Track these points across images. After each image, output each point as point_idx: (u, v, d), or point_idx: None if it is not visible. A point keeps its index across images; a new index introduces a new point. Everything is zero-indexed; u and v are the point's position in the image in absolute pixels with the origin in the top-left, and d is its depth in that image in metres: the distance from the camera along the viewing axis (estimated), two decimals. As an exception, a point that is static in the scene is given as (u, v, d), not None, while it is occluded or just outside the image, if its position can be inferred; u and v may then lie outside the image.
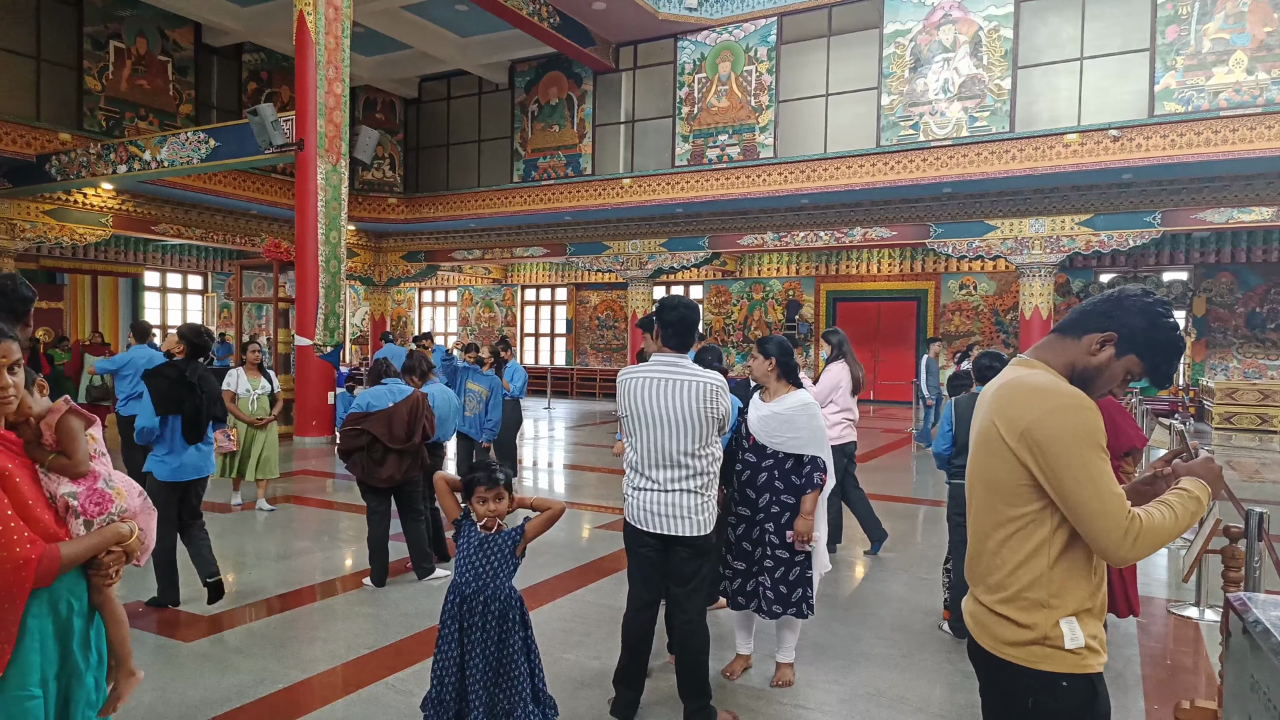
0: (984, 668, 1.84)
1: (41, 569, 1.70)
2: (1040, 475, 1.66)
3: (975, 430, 1.84)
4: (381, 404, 5.13)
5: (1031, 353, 1.83)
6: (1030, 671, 1.71)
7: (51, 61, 13.03)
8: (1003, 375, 1.83)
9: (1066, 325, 1.81)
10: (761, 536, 3.60)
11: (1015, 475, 1.70)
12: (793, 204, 14.31)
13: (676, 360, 3.21)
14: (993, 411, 1.76)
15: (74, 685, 1.85)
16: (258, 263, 14.58)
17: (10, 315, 2.17)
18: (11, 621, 1.68)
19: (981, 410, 1.83)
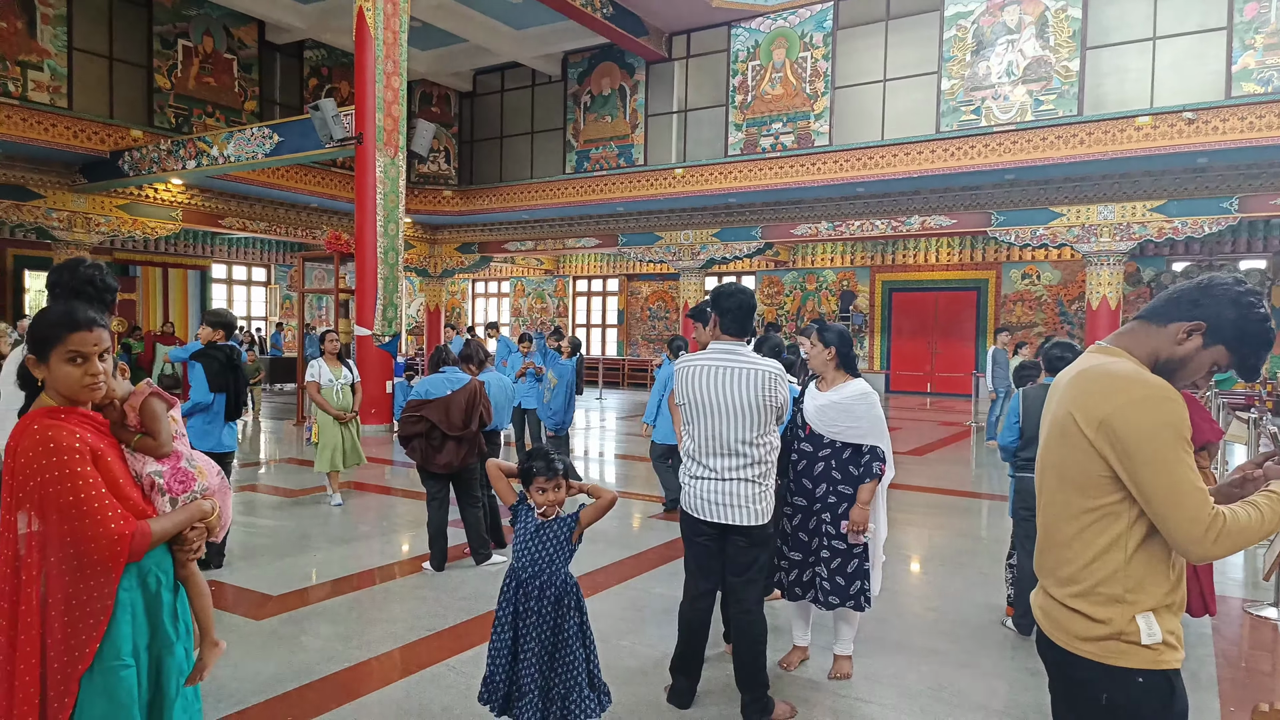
0: (1055, 663, 1.79)
1: (134, 544, 1.78)
2: (1119, 467, 1.60)
3: (1049, 420, 1.78)
4: (440, 391, 5.21)
5: (1112, 339, 1.77)
6: (1105, 667, 1.66)
7: (123, 61, 13.52)
8: (1079, 363, 1.77)
9: (1151, 312, 1.73)
10: (818, 527, 3.56)
11: (1092, 466, 1.64)
12: (848, 192, 14.07)
13: (734, 348, 3.19)
14: (1069, 400, 1.70)
15: (164, 655, 1.93)
16: (319, 255, 14.96)
17: (98, 304, 2.26)
18: (107, 595, 1.76)
19: (1055, 399, 1.77)
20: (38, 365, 1.83)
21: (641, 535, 6.25)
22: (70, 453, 1.74)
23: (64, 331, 1.81)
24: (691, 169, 14.52)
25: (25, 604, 1.73)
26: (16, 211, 12.83)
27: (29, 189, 12.92)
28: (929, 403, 17.10)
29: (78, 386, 1.82)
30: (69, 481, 1.73)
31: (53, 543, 1.73)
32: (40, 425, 1.76)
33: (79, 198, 13.50)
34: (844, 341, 3.60)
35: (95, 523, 1.74)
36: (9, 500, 1.76)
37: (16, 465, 1.74)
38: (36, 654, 1.73)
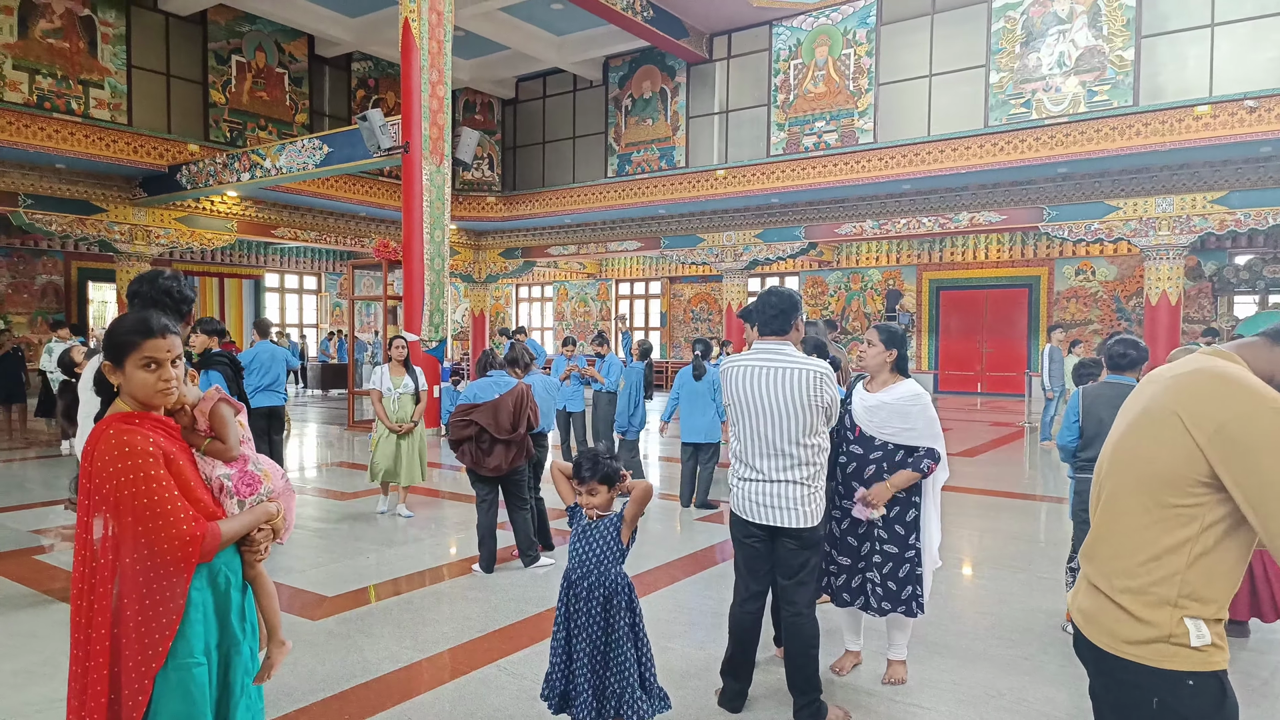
0: (1099, 666, 1.75)
1: (205, 545, 1.84)
2: (1227, 475, 1.55)
3: (1134, 414, 1.73)
4: (487, 396, 5.26)
5: (1234, 348, 1.72)
6: (1154, 670, 1.62)
7: (180, 77, 13.97)
8: (1189, 363, 1.72)
9: (1277, 333, 1.70)
10: (869, 531, 3.49)
11: (1188, 468, 1.59)
12: (894, 190, 13.88)
13: (778, 348, 3.16)
14: (1172, 399, 1.64)
15: (232, 654, 1.99)
16: (368, 262, 15.25)
17: (174, 314, 2.34)
18: (180, 594, 1.82)
19: (1149, 394, 1.71)
20: (114, 371, 1.89)
21: (688, 538, 6.23)
22: (145, 456, 1.79)
23: (139, 338, 1.87)
24: (733, 170, 14.46)
25: (99, 603, 1.79)
26: (80, 225, 13.33)
27: (92, 203, 13.41)
28: (979, 403, 16.75)
29: (152, 392, 1.88)
30: (143, 484, 1.78)
31: (127, 543, 1.79)
32: (116, 430, 1.82)
33: (139, 211, 13.98)
34: (903, 343, 3.54)
35: (169, 524, 1.79)
36: (86, 502, 1.82)
37: (93, 469, 1.80)
38: (107, 653, 1.78)
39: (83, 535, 1.84)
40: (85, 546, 1.83)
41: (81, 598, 1.82)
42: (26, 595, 4.71)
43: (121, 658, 1.79)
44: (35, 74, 12.12)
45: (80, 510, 1.85)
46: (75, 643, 1.84)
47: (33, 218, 12.75)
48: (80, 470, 1.86)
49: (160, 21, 13.65)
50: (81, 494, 1.84)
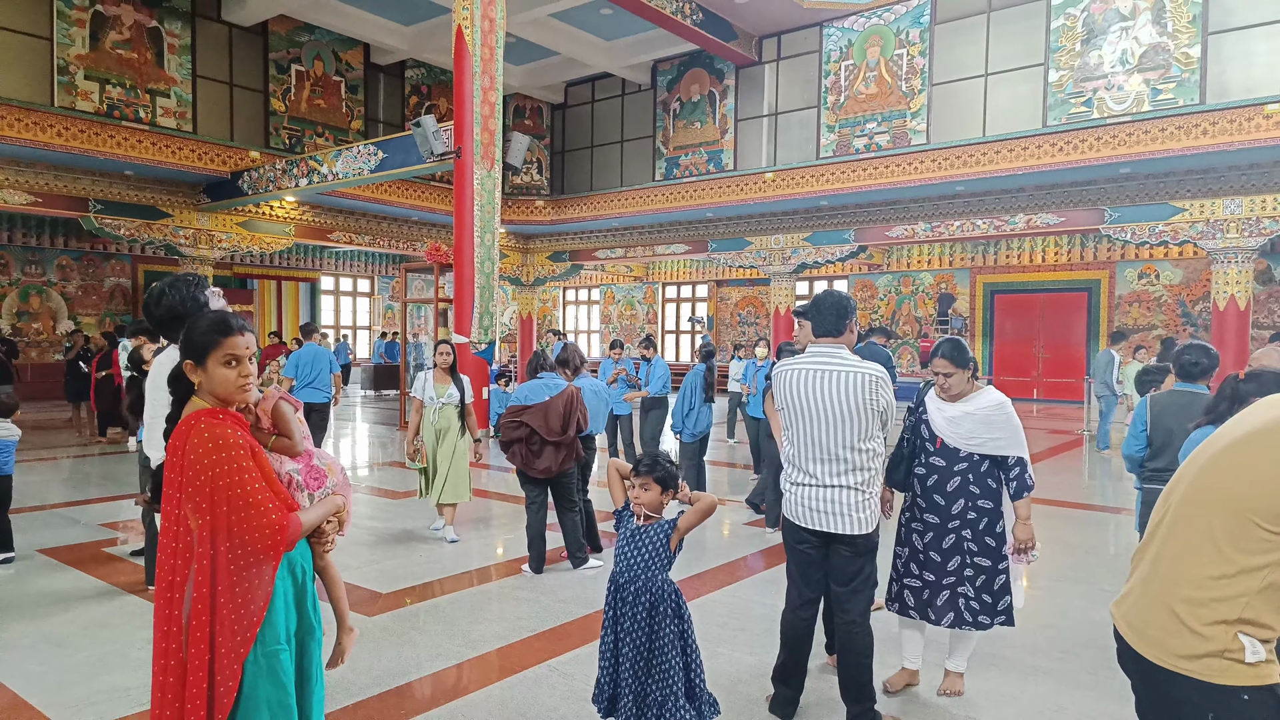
0: (1147, 680, 1.72)
1: (289, 535, 1.91)
2: None
3: (1242, 431, 1.65)
4: (538, 398, 5.30)
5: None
6: (1208, 686, 1.58)
7: (242, 86, 14.40)
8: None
9: None
10: (958, 544, 3.38)
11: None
12: (947, 192, 13.61)
13: (833, 351, 3.12)
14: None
15: (308, 640, 2.08)
16: (420, 266, 15.52)
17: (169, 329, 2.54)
18: (269, 581, 1.90)
19: (1271, 417, 1.62)
20: (195, 369, 1.96)
21: (737, 543, 6.19)
22: (236, 449, 1.87)
23: (220, 336, 1.95)
24: (782, 172, 14.34)
25: (197, 592, 1.86)
26: (147, 230, 13.81)
27: (159, 209, 13.89)
28: (1035, 409, 16.32)
29: (233, 388, 1.96)
30: (236, 475, 1.85)
31: (221, 534, 1.86)
32: (205, 424, 1.89)
33: (203, 216, 14.43)
34: (967, 353, 3.42)
35: (259, 514, 1.87)
36: (176, 495, 1.88)
37: (185, 462, 1.86)
38: (207, 639, 1.85)
39: (172, 527, 1.90)
40: (176, 538, 1.89)
41: (174, 589, 1.89)
42: (97, 587, 4.89)
43: (215, 644, 1.86)
44: (105, 84, 12.60)
45: (167, 502, 1.91)
46: (164, 633, 1.90)
47: (102, 222, 13.26)
48: (167, 463, 1.92)
49: (224, 32, 14.09)
50: (169, 486, 1.90)
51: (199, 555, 1.87)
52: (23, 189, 12.32)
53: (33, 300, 16.82)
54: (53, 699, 3.36)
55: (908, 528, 3.51)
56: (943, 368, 3.38)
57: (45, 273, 17.01)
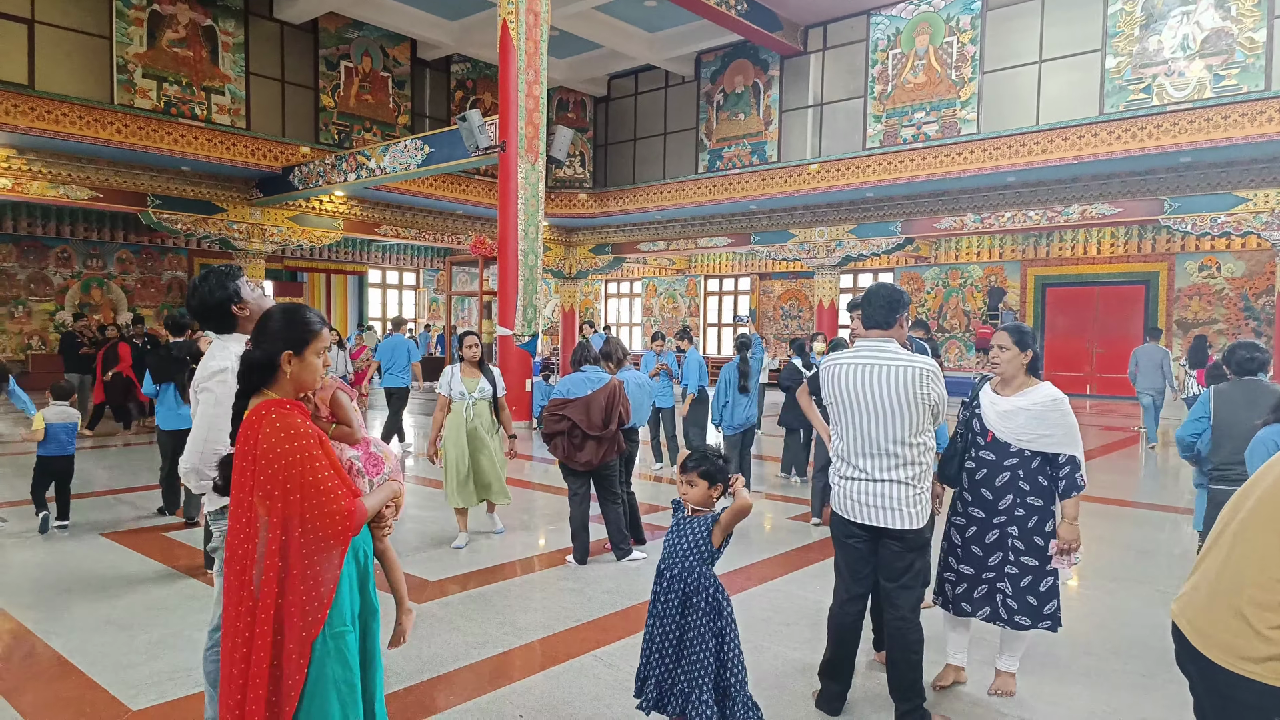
0: (1208, 681, 1.69)
1: (356, 520, 1.98)
2: None
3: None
4: (581, 391, 5.32)
5: None
6: (1272, 689, 1.57)
7: (293, 83, 14.69)
8: None
9: None
10: (1002, 540, 3.31)
11: None
12: (997, 182, 13.32)
13: (882, 345, 3.08)
14: None
15: (370, 621, 2.16)
16: (465, 259, 15.70)
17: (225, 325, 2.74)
18: (337, 565, 1.98)
19: None
20: (292, 359, 2.05)
21: (781, 537, 6.15)
22: (307, 438, 1.93)
23: (319, 328, 2.08)
24: (827, 164, 14.17)
25: (265, 576, 1.92)
26: (203, 224, 14.20)
27: (214, 203, 14.27)
28: (1089, 406, 15.91)
29: (316, 377, 2.07)
30: (308, 464, 1.92)
31: (294, 520, 1.92)
32: (277, 414, 1.95)
33: (255, 210, 14.78)
34: (1036, 344, 3.36)
35: (329, 500, 1.93)
36: (248, 483, 1.94)
37: (259, 451, 1.92)
38: (272, 622, 1.91)
39: (242, 513, 1.95)
40: (249, 524, 1.94)
41: (246, 571, 1.94)
42: (157, 570, 5.06)
43: (285, 627, 1.92)
44: (163, 82, 12.96)
45: (236, 489, 1.95)
46: (234, 614, 1.95)
47: (160, 217, 13.66)
48: (237, 451, 1.97)
49: (275, 30, 14.38)
50: (239, 474, 1.95)
51: (269, 541, 1.92)
52: (84, 184, 12.75)
53: (94, 292, 17.42)
54: (117, 678, 3.49)
55: (950, 521, 3.47)
56: (1001, 340, 3.32)
57: (106, 266, 17.60)
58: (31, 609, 4.29)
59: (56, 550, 5.43)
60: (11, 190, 12.14)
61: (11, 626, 4.06)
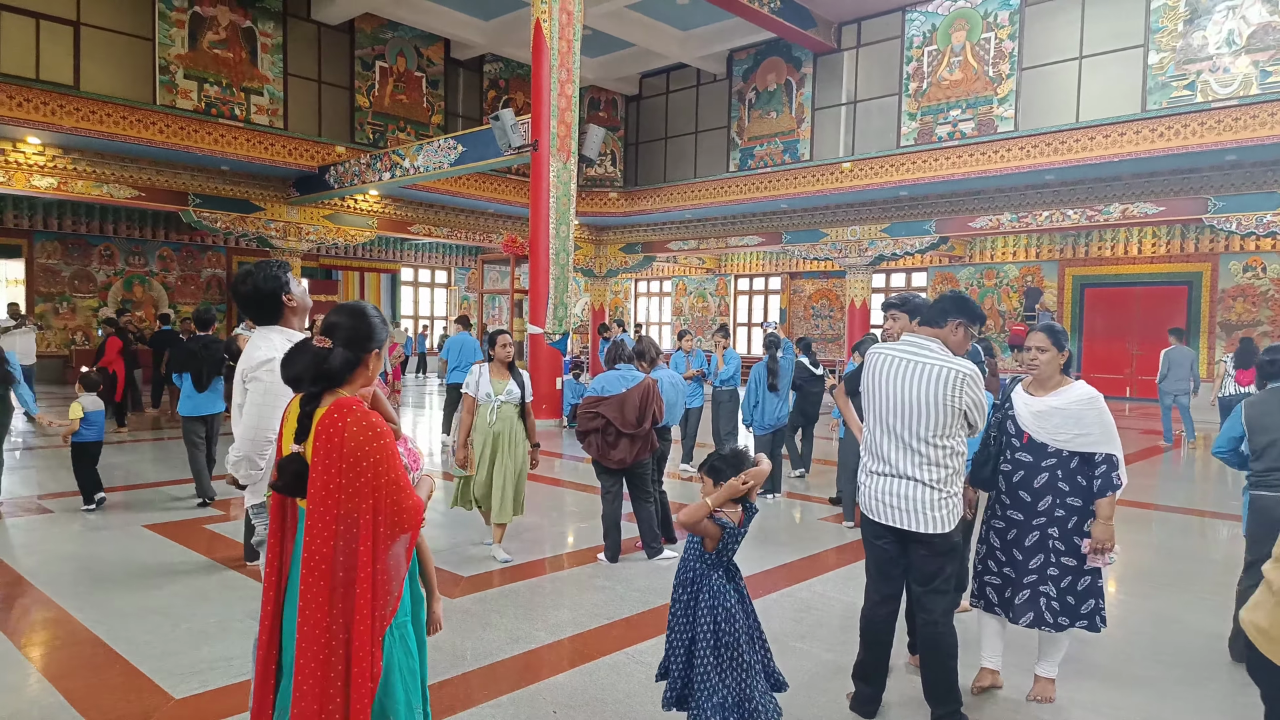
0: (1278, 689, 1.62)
1: (422, 513, 2.06)
2: None
3: None
4: (615, 389, 5.32)
5: None
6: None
7: (330, 83, 14.90)
8: None
9: None
10: (1043, 542, 3.26)
11: None
12: (1035, 181, 13.10)
13: (925, 342, 3.06)
14: None
15: (416, 610, 2.22)
16: (496, 257, 15.80)
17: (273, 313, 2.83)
18: (408, 557, 2.09)
19: None
20: (377, 358, 2.17)
21: (814, 537, 6.11)
22: (387, 436, 1.99)
23: (387, 332, 2.17)
24: (860, 162, 14.05)
25: (362, 572, 1.97)
26: (241, 223, 14.46)
27: (252, 202, 14.52)
28: (1128, 409, 15.60)
29: (376, 377, 2.16)
30: (392, 460, 1.98)
31: (384, 516, 1.97)
32: (359, 412, 1.99)
33: (292, 209, 15.02)
34: (1065, 337, 3.34)
35: (407, 495, 1.99)
36: (332, 481, 1.96)
37: (346, 448, 1.94)
38: (369, 615, 1.96)
39: (324, 511, 1.96)
40: (332, 522, 1.96)
41: (339, 568, 1.97)
42: (197, 561, 5.16)
43: (373, 619, 1.98)
44: (203, 83, 13.21)
45: (314, 485, 1.97)
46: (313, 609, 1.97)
47: (200, 215, 13.93)
48: (316, 447, 1.98)
49: (313, 31, 14.59)
50: (317, 470, 1.96)
51: (360, 538, 1.95)
52: (127, 183, 13.05)
53: (136, 289, 17.81)
54: (160, 666, 3.56)
55: (988, 525, 3.42)
56: (1038, 342, 3.27)
57: (147, 263, 17.99)
58: (76, 598, 4.40)
59: (100, 541, 5.56)
60: (57, 189, 12.47)
61: (57, 615, 4.17)
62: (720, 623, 2.61)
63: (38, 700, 3.23)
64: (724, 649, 2.60)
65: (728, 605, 2.62)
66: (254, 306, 2.74)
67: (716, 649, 2.60)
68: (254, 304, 2.73)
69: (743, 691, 2.58)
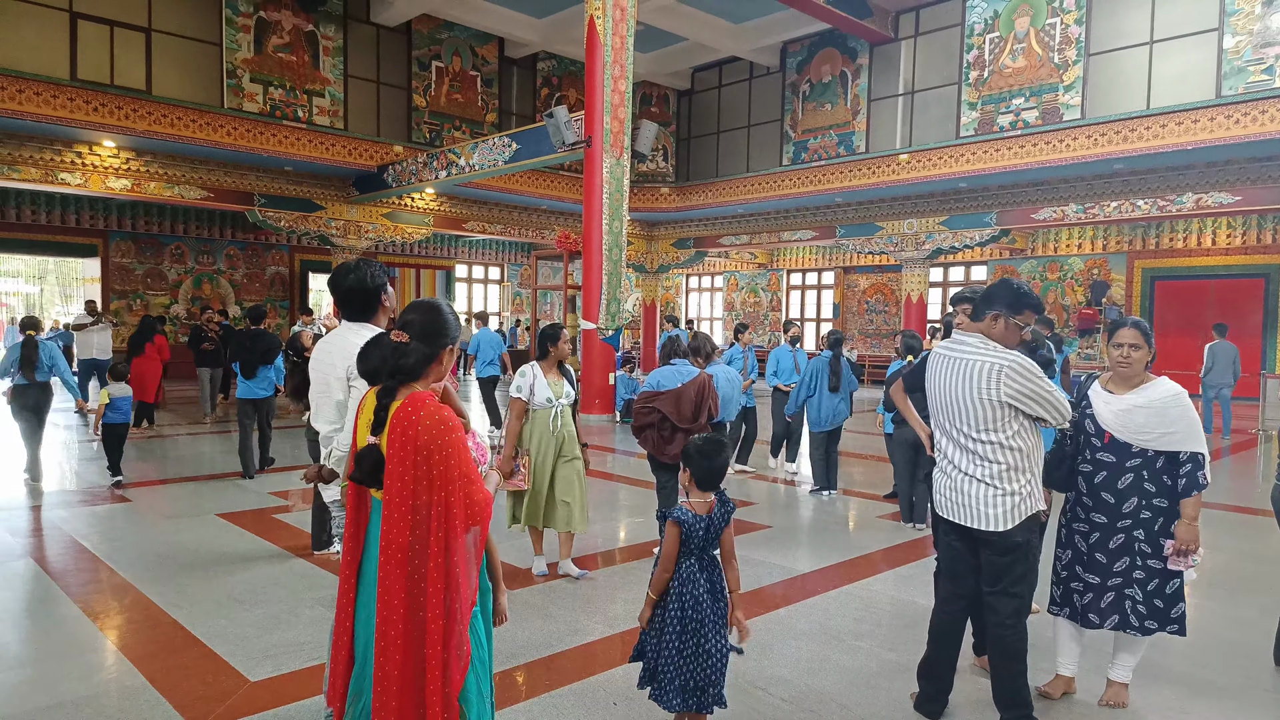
0: None
1: (492, 505, 2.10)
2: None
3: None
4: (671, 384, 5.32)
5: None
6: None
7: (388, 84, 15.20)
8: None
9: None
10: (1128, 545, 3.17)
11: None
12: (1103, 170, 12.67)
13: (966, 338, 3.04)
14: None
15: (485, 601, 2.27)
16: (550, 253, 15.94)
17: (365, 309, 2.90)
18: (481, 549, 2.14)
19: None
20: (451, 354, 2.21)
21: (870, 535, 6.03)
22: (459, 429, 2.04)
23: (460, 328, 2.22)
24: (917, 153, 13.77)
25: (433, 562, 2.03)
26: (304, 221, 14.85)
27: (314, 201, 14.91)
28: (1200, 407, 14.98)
29: (449, 372, 2.21)
30: (462, 453, 2.03)
31: (455, 507, 2.02)
32: (432, 406, 2.05)
33: (352, 208, 15.37)
34: (1152, 333, 3.22)
35: (477, 488, 2.04)
36: (408, 473, 2.02)
37: (419, 441, 2.00)
38: (442, 604, 2.01)
39: (400, 503, 2.02)
40: (409, 513, 2.02)
41: (416, 556, 2.03)
42: (269, 549, 5.33)
43: (450, 610, 2.04)
44: (268, 86, 13.60)
45: (391, 477, 2.03)
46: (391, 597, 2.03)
47: (265, 215, 14.36)
48: (391, 439, 2.04)
49: (372, 33, 14.90)
50: (393, 462, 2.02)
51: (434, 529, 2.02)
52: (196, 184, 13.52)
53: (204, 286, 18.45)
54: (235, 649, 3.69)
55: (1069, 528, 3.32)
56: (1131, 339, 3.14)
57: (215, 261, 18.62)
58: (155, 584, 4.59)
59: (176, 529, 5.78)
60: (131, 190, 12.98)
61: (138, 600, 4.35)
62: (687, 609, 2.64)
63: (120, 680, 3.38)
64: (689, 635, 2.64)
65: (696, 593, 2.65)
66: (355, 301, 2.82)
67: (682, 634, 2.64)
68: (356, 298, 2.81)
69: (706, 677, 2.62)
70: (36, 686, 3.30)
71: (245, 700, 3.21)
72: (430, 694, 2.00)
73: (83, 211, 16.19)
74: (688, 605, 2.65)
